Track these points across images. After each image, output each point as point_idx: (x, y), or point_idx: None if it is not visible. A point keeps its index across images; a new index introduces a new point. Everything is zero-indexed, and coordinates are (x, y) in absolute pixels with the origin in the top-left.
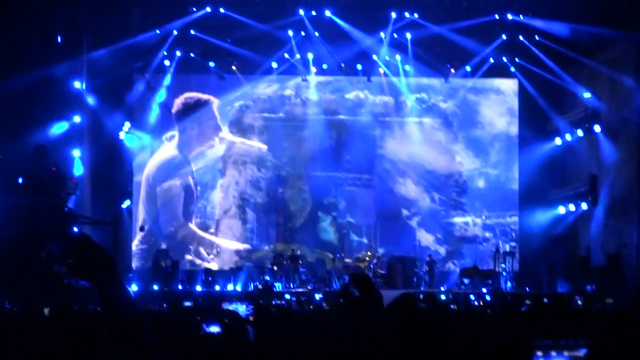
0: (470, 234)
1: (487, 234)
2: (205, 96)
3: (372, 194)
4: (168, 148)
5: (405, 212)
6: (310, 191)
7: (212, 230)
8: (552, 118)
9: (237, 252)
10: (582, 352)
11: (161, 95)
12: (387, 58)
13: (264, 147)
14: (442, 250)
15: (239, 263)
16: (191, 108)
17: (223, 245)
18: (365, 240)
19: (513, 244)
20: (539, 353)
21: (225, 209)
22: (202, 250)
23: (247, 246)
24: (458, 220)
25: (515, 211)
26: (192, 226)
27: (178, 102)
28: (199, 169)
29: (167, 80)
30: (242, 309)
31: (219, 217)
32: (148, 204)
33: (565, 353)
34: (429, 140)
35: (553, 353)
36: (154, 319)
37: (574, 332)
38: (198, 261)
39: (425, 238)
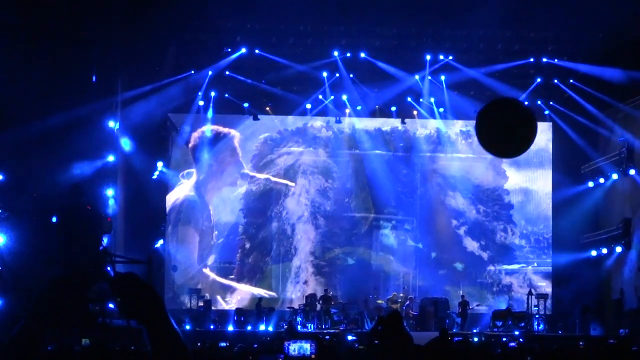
0: (509, 241)
1: (523, 242)
2: (225, 129)
3: (426, 206)
4: (185, 187)
5: (454, 222)
6: (372, 202)
7: (232, 277)
8: (586, 161)
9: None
10: None
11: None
12: (421, 100)
13: (292, 184)
14: (484, 255)
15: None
16: (210, 142)
17: (243, 290)
18: (420, 246)
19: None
20: None
21: (299, 215)
22: (218, 297)
23: (272, 293)
24: (499, 229)
25: (548, 222)
26: (208, 272)
27: (196, 135)
28: (219, 209)
29: (210, 113)
30: (306, 346)
31: (294, 222)
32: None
33: None
34: (476, 157)
35: None
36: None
37: None
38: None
39: (471, 244)
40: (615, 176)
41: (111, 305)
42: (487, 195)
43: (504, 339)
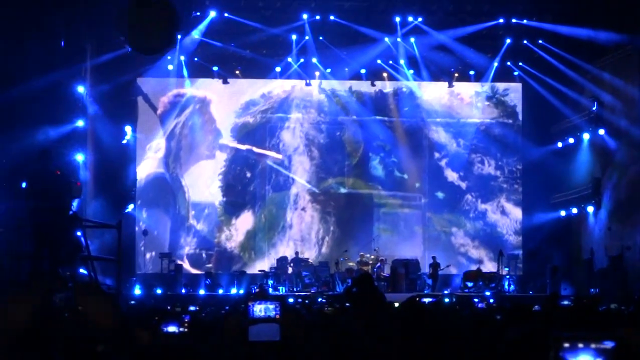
0: (485, 172)
1: (498, 173)
2: (200, 92)
3: (411, 139)
4: (152, 162)
5: (436, 154)
6: (362, 135)
7: (209, 265)
8: (556, 122)
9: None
10: (609, 345)
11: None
12: (390, 62)
13: (279, 156)
14: (463, 185)
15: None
16: (182, 108)
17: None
18: (406, 177)
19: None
20: (566, 345)
21: (295, 147)
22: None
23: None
24: (477, 161)
25: (520, 154)
26: (182, 262)
27: (164, 100)
28: (195, 187)
29: (180, 77)
30: (271, 307)
31: (290, 153)
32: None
33: (592, 345)
34: (456, 94)
35: (580, 345)
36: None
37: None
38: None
39: (451, 175)
40: (585, 136)
41: (82, 271)
42: (466, 129)
43: (475, 300)
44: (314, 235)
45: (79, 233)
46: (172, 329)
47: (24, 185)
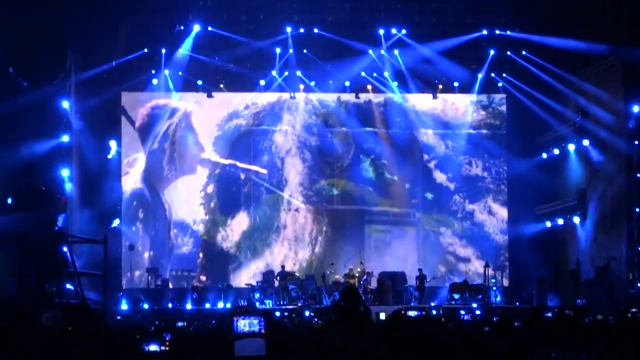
0: (472, 173)
1: (485, 174)
2: (180, 104)
3: (400, 142)
4: (131, 178)
5: (425, 156)
6: (353, 137)
7: (196, 284)
8: (541, 133)
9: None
10: None
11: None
12: (375, 74)
13: (264, 170)
14: (451, 186)
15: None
16: (161, 121)
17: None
18: (396, 178)
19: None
20: None
21: (287, 149)
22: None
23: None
24: (465, 162)
25: (506, 157)
26: (167, 277)
27: (143, 112)
28: (176, 204)
29: (164, 91)
30: (255, 322)
31: (283, 155)
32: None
33: None
34: (450, 103)
35: None
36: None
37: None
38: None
39: (440, 176)
40: (570, 147)
41: (69, 286)
42: (454, 131)
43: (462, 312)
44: (307, 235)
45: (65, 249)
46: (153, 347)
47: (9, 201)
